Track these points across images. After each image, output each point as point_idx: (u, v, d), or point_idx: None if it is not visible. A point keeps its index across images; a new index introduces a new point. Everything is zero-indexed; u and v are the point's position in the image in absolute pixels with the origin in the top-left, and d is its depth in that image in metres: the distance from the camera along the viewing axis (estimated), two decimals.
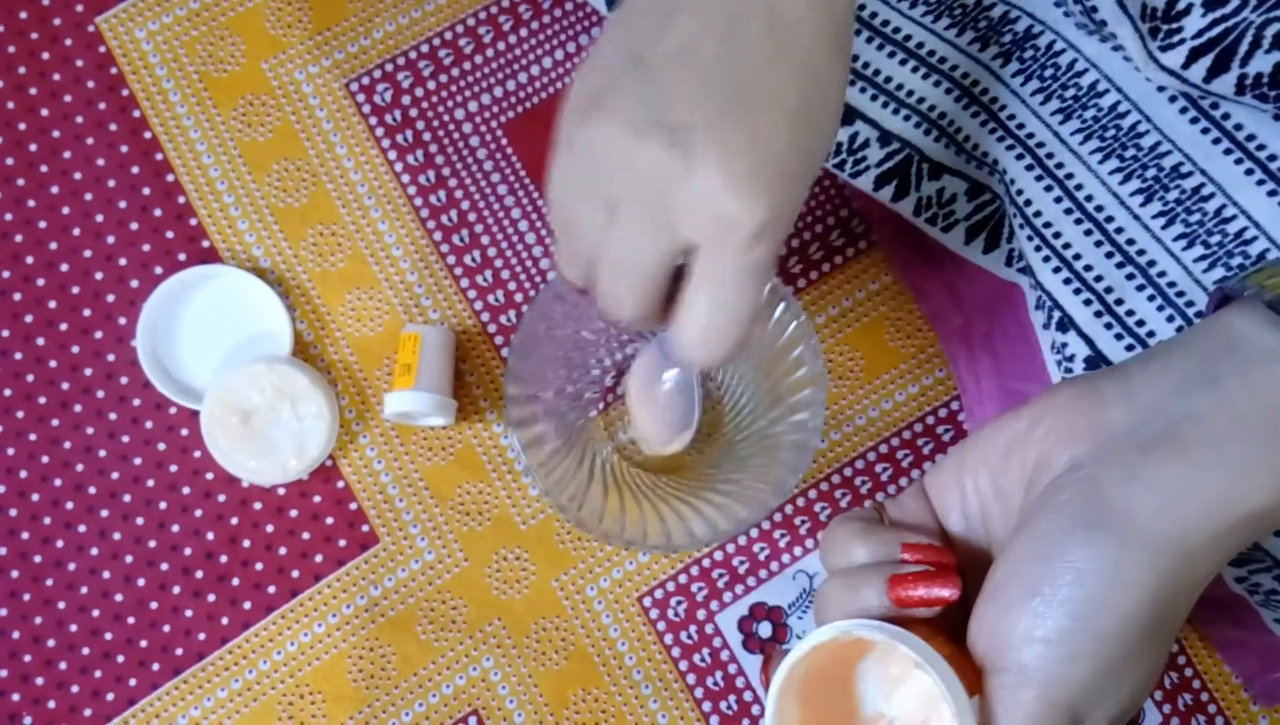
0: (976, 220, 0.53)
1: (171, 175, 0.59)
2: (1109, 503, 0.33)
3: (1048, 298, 0.48)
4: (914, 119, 0.51)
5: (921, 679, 0.35)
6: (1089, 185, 0.48)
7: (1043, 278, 0.48)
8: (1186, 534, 0.33)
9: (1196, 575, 0.33)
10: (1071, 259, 0.48)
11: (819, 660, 0.35)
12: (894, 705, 0.36)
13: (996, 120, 0.50)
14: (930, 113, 0.51)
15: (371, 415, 0.58)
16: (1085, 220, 0.47)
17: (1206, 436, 0.33)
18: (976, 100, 0.50)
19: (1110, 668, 0.33)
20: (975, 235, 0.54)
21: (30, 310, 0.58)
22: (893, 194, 0.53)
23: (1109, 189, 0.47)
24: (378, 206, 0.59)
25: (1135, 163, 0.47)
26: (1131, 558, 0.33)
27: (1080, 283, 0.47)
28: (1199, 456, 0.33)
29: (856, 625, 0.34)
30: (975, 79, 0.50)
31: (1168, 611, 0.33)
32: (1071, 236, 0.48)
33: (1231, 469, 0.33)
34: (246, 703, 0.56)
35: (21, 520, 0.57)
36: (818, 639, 0.35)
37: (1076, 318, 0.47)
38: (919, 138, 0.51)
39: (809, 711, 0.36)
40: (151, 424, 0.58)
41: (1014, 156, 0.49)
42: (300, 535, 0.57)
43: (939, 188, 0.53)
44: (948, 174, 0.52)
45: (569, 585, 0.58)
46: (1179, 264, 0.46)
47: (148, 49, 0.60)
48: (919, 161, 0.52)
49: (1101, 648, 0.33)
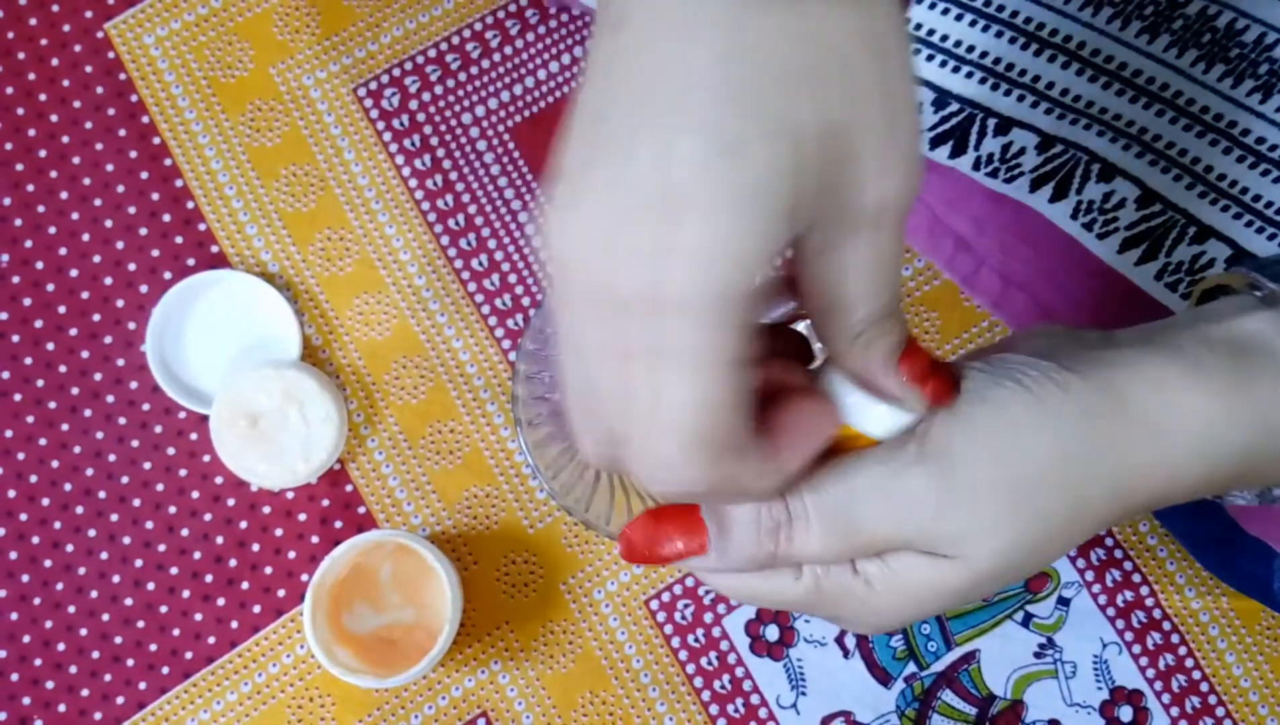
0: (1043, 171, 0.54)
1: (180, 180, 0.60)
2: (1087, 355, 0.33)
3: (1178, 214, 0.50)
4: (977, 75, 0.51)
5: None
6: (1201, 97, 0.50)
7: (1172, 195, 0.50)
8: (1145, 412, 0.32)
9: (1144, 465, 0.32)
10: (1202, 171, 0.50)
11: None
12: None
13: (1079, 59, 0.51)
14: (996, 66, 0.51)
15: (379, 419, 0.58)
16: (1208, 131, 0.50)
17: (1193, 355, 0.33)
18: (1048, 44, 0.51)
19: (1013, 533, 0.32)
20: (1042, 185, 0.54)
21: (40, 315, 0.59)
22: (949, 152, 0.53)
23: (1222, 95, 0.50)
24: (385, 211, 0.60)
25: (1244, 62, 0.50)
26: (1088, 398, 0.32)
27: (1211, 190, 0.50)
28: (1191, 366, 0.32)
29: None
30: (1040, 21, 0.51)
31: (1098, 480, 0.32)
32: (1197, 149, 0.50)
33: (1206, 381, 0.32)
34: (256, 706, 0.56)
35: (31, 524, 0.57)
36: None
37: (1214, 223, 0.50)
38: (984, 94, 0.52)
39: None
40: (160, 428, 0.58)
41: (1113, 92, 0.50)
42: (309, 539, 0.58)
43: (1005, 142, 0.53)
44: (1018, 127, 0.53)
45: (576, 588, 0.58)
46: None
47: (156, 55, 0.60)
48: (983, 119, 0.52)
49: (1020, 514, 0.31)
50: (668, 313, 0.27)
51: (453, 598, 0.53)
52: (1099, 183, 0.53)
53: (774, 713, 0.57)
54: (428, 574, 0.54)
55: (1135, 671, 0.58)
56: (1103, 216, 0.53)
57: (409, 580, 0.55)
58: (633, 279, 0.27)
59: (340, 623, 0.54)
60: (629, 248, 0.27)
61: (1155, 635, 0.58)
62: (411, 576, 0.55)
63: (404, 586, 0.55)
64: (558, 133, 0.29)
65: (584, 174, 0.28)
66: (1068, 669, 0.58)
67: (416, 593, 0.55)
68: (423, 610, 0.55)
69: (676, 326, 0.27)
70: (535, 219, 0.60)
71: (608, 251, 0.27)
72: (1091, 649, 0.58)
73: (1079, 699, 0.57)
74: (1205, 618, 0.58)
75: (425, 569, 0.54)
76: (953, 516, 0.31)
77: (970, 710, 0.57)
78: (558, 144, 0.29)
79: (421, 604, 0.55)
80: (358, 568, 0.55)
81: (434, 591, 0.54)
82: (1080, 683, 0.58)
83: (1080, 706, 0.57)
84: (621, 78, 0.28)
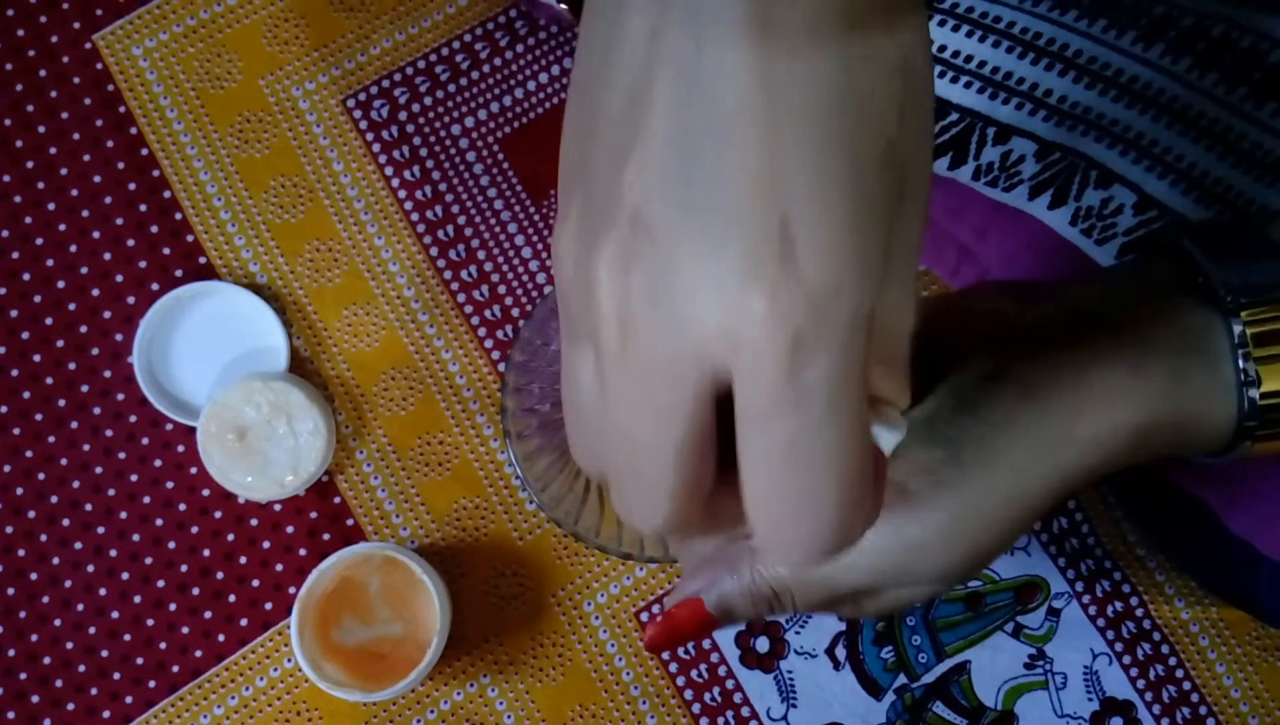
0: (1042, 179, 0.54)
1: (168, 191, 0.59)
2: (1012, 369, 0.35)
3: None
4: (976, 84, 0.52)
5: None
6: (1197, 103, 0.51)
7: (1169, 200, 0.51)
8: (1076, 415, 0.35)
9: (1070, 466, 0.35)
10: (1198, 176, 0.51)
11: None
12: None
13: (1075, 65, 0.52)
14: (994, 75, 0.52)
15: (368, 430, 0.58)
16: (1202, 136, 0.51)
17: (1113, 340, 0.35)
18: (1045, 53, 0.52)
19: (963, 536, 0.35)
20: (1041, 192, 0.55)
21: (26, 326, 0.58)
22: (949, 164, 0.54)
23: (1216, 100, 0.51)
24: (374, 222, 0.60)
25: (1238, 68, 0.51)
26: (1020, 415, 0.35)
27: (1207, 195, 0.51)
28: (1106, 355, 0.35)
29: None
30: (1037, 31, 0.52)
31: (1031, 485, 0.35)
32: (1193, 155, 0.51)
33: (1130, 371, 0.35)
34: (243, 720, 0.56)
35: (17, 537, 0.57)
36: None
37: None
38: (983, 103, 0.53)
39: None
40: (148, 440, 0.58)
41: (1109, 99, 0.52)
42: (297, 551, 0.57)
43: (1005, 151, 0.54)
44: (1016, 136, 0.53)
45: (566, 601, 0.58)
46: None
47: (144, 66, 0.60)
48: (983, 128, 0.53)
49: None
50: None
51: (441, 610, 0.53)
52: (1097, 189, 0.53)
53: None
54: (416, 587, 0.54)
55: (1126, 682, 0.58)
56: (1101, 222, 0.53)
57: (398, 593, 0.55)
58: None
59: (328, 636, 0.54)
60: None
61: (1145, 646, 0.58)
62: (400, 589, 0.55)
63: (393, 600, 0.55)
64: (549, 144, 0.29)
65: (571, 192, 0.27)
66: (1058, 680, 0.58)
67: (405, 606, 0.55)
68: (411, 623, 0.54)
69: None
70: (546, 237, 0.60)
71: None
72: (1082, 660, 0.58)
73: (1070, 710, 0.57)
74: (1195, 628, 0.58)
75: (414, 582, 0.54)
76: (924, 557, 0.36)
77: (961, 722, 0.57)
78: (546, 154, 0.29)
79: (410, 617, 0.55)
80: (346, 581, 0.54)
81: (423, 604, 0.54)
82: (1071, 694, 0.57)
83: (1071, 718, 0.57)
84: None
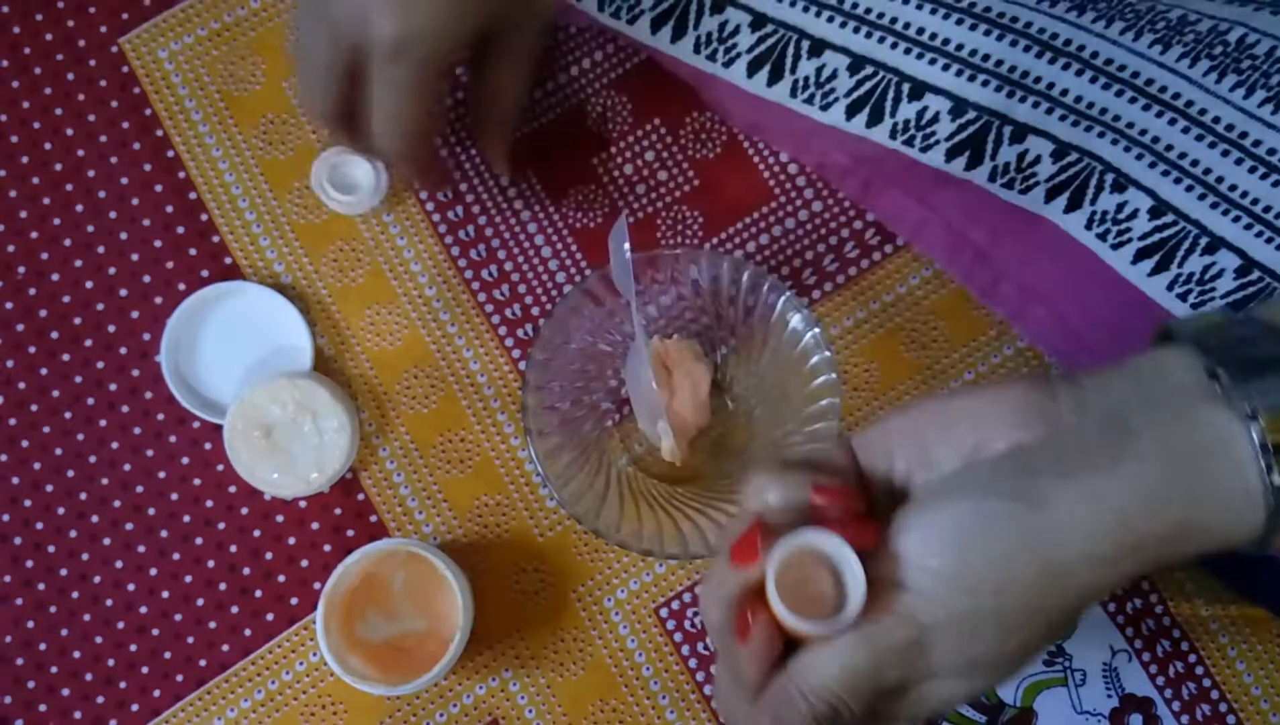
0: (1059, 181, 0.54)
1: (194, 193, 0.60)
2: (1037, 487, 0.35)
3: (1190, 225, 0.51)
4: (994, 83, 0.52)
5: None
6: (1213, 107, 0.50)
7: (1184, 206, 0.51)
8: (1092, 538, 0.34)
9: (1086, 583, 0.35)
10: (1214, 182, 0.50)
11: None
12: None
13: (1092, 66, 0.52)
14: (1012, 74, 0.52)
15: (391, 428, 0.59)
16: (1219, 141, 0.51)
17: (1135, 454, 0.34)
18: (1063, 53, 0.52)
19: (976, 617, 0.35)
20: (1057, 195, 0.55)
21: (55, 327, 0.59)
22: (965, 164, 0.54)
23: (1234, 106, 0.50)
24: (396, 222, 0.60)
25: (1256, 73, 0.50)
26: (1038, 537, 0.34)
27: (1223, 200, 0.50)
28: (1126, 471, 0.34)
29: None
30: (1055, 32, 0.52)
31: (1048, 604, 0.35)
32: (1209, 160, 0.51)
33: (1149, 489, 0.34)
34: (270, 713, 0.57)
35: (47, 534, 0.58)
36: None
37: (1225, 235, 0.51)
38: (1000, 101, 0.53)
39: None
40: (175, 438, 0.59)
41: (1126, 100, 0.52)
42: (322, 547, 0.58)
43: (1021, 151, 0.54)
44: (1033, 135, 0.53)
45: (587, 596, 0.58)
46: None
47: (170, 69, 0.61)
48: (999, 126, 0.53)
49: (978, 599, 0.34)
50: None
51: (464, 606, 0.54)
52: (1113, 193, 0.53)
53: None
54: (439, 583, 0.55)
55: (1145, 679, 0.58)
56: (1116, 227, 0.53)
57: (421, 589, 0.55)
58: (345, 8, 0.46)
59: (353, 630, 0.55)
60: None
61: (1165, 643, 0.58)
62: (423, 585, 0.55)
63: (416, 595, 0.55)
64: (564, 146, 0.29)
65: None
66: (1077, 677, 0.58)
67: (428, 602, 0.55)
68: (434, 619, 0.55)
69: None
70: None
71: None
72: (1101, 656, 0.58)
73: (1089, 707, 0.57)
74: (1215, 625, 0.58)
75: (437, 578, 0.55)
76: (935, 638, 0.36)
77: (980, 719, 0.57)
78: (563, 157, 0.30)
79: (433, 613, 0.55)
80: (370, 576, 0.55)
81: (445, 600, 0.55)
82: (1090, 690, 0.58)
83: (1090, 714, 0.57)
84: None
